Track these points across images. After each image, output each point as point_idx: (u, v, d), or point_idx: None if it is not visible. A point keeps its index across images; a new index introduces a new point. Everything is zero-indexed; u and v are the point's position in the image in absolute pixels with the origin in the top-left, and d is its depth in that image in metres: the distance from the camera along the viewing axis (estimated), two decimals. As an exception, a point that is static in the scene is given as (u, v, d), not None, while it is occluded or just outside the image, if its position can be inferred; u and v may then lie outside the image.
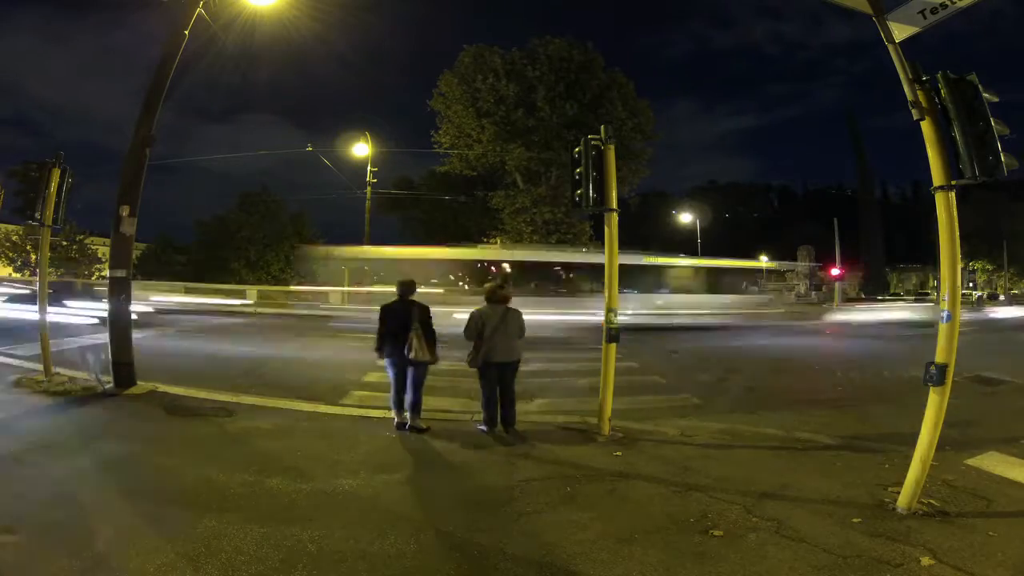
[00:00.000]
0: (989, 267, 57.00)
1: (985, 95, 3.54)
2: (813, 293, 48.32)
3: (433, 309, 5.71)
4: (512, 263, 19.43)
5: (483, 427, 5.62)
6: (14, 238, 43.28)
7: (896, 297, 54.72)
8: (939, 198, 3.70)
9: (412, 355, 5.43)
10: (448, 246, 21.44)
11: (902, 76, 3.79)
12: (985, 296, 53.87)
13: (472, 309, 5.75)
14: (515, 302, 5.87)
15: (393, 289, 5.87)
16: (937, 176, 3.70)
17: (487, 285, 5.99)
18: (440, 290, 17.25)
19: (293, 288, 37.25)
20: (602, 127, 5.89)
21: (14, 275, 37.95)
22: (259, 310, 25.50)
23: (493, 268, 19.03)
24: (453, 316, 8.07)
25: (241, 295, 31.31)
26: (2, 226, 42.83)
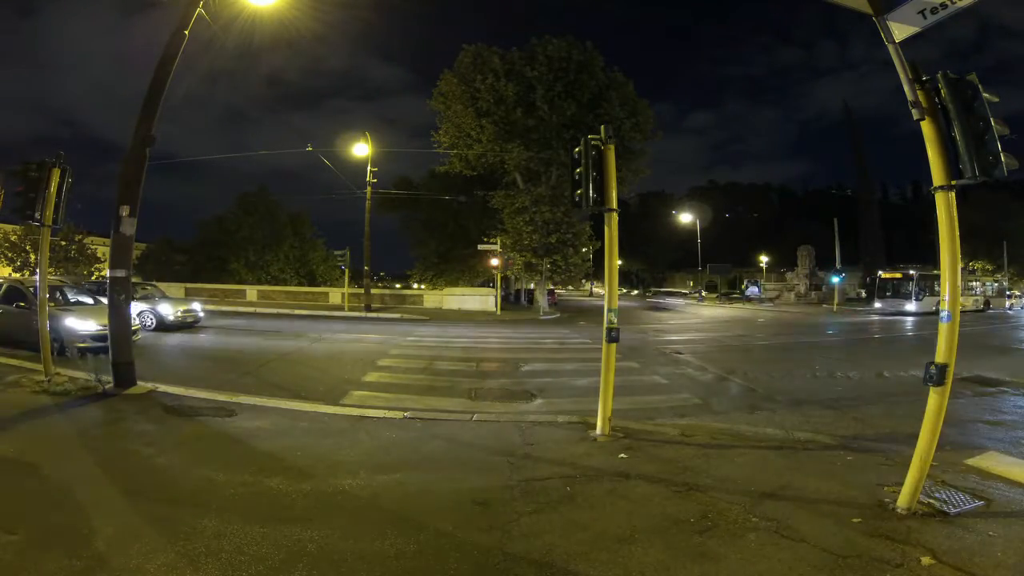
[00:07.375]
0: (989, 267, 56.98)
1: (985, 95, 3.53)
2: (813, 293, 48.27)
3: None
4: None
5: None
6: (12, 238, 43.19)
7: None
8: (939, 198, 3.70)
9: None
10: None
11: (902, 76, 3.79)
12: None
13: None
14: None
15: None
16: (937, 176, 3.69)
17: None
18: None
19: (291, 288, 37.31)
20: (602, 127, 5.86)
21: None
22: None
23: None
24: None
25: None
26: (1, 226, 42.72)
